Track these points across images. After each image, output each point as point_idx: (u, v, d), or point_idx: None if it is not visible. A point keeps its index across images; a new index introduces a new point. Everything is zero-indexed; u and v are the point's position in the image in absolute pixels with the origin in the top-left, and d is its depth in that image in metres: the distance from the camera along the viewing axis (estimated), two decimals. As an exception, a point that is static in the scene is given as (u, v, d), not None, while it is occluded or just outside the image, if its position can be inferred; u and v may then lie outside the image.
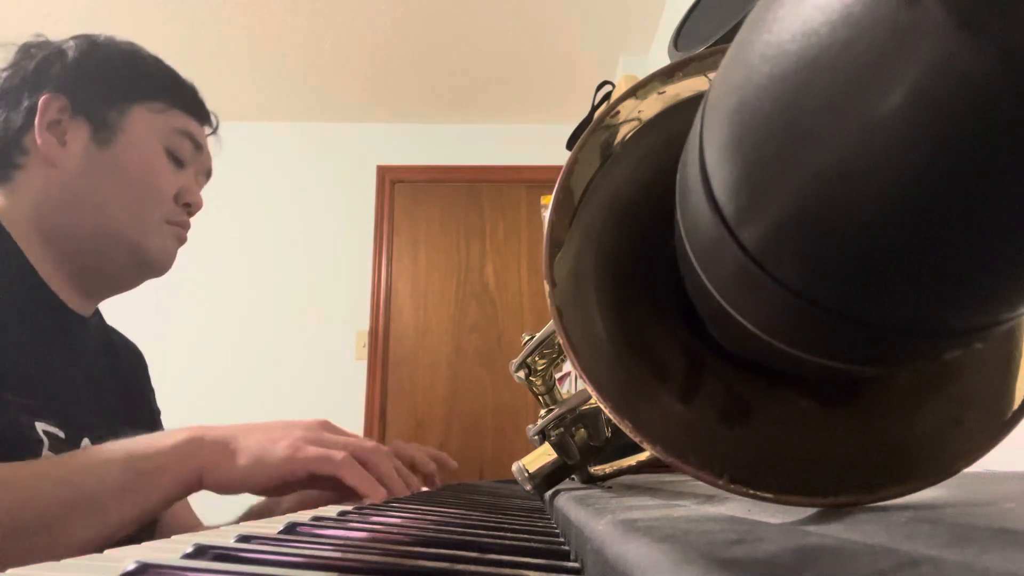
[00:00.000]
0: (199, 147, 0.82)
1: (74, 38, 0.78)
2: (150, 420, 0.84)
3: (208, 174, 0.86)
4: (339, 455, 0.55)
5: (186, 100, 0.82)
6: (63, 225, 0.73)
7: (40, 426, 0.60)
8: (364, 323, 3.08)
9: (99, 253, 0.75)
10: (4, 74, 0.76)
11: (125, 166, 0.75)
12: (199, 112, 0.83)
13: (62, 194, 0.73)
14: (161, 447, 0.53)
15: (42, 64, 0.75)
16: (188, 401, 2.56)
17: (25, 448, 0.58)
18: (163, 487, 0.52)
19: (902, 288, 0.14)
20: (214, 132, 0.87)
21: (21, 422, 0.59)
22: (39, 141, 0.73)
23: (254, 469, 0.54)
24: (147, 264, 0.78)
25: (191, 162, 0.81)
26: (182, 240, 0.81)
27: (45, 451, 0.60)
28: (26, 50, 0.77)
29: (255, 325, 3.05)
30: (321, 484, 0.57)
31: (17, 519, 0.46)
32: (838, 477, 0.22)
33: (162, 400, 0.88)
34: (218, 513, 0.65)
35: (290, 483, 0.55)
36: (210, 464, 0.53)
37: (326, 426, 0.61)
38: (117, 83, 0.77)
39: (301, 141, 3.21)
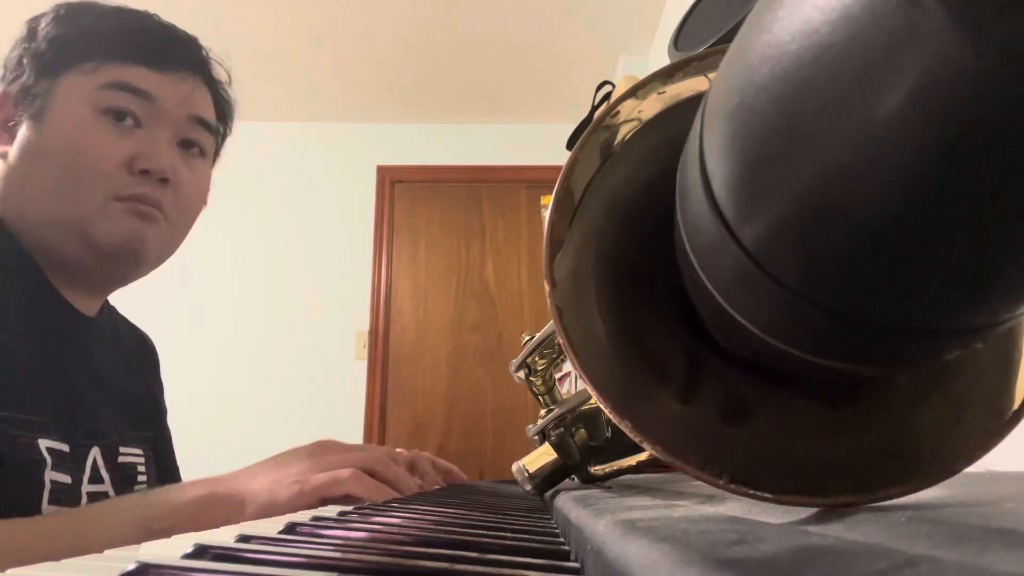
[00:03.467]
0: (146, 96, 0.67)
1: (32, 18, 0.70)
2: (156, 422, 0.82)
3: (200, 122, 0.72)
4: (345, 473, 0.55)
5: (124, 45, 0.68)
6: (15, 221, 0.66)
7: (44, 444, 0.59)
8: (364, 323, 3.08)
9: (52, 246, 0.66)
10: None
11: (53, 145, 0.65)
12: (143, 53, 0.68)
13: (7, 187, 0.66)
14: (174, 506, 0.53)
15: (8, 54, 0.69)
16: (189, 402, 2.56)
17: (27, 468, 0.57)
18: None
19: (902, 289, 0.14)
20: (195, 70, 0.72)
21: (22, 443, 0.57)
22: None
23: (265, 513, 0.53)
24: (103, 252, 0.67)
25: (146, 119, 0.68)
26: (145, 215, 0.68)
27: (48, 470, 0.58)
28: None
29: (255, 325, 3.05)
30: (334, 503, 0.57)
31: None
32: (838, 477, 0.22)
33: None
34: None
35: None
36: (221, 519, 0.53)
37: (327, 446, 0.61)
38: (44, 56, 0.67)
39: (301, 141, 3.21)
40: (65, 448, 0.61)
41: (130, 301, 0.86)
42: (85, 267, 0.68)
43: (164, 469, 0.81)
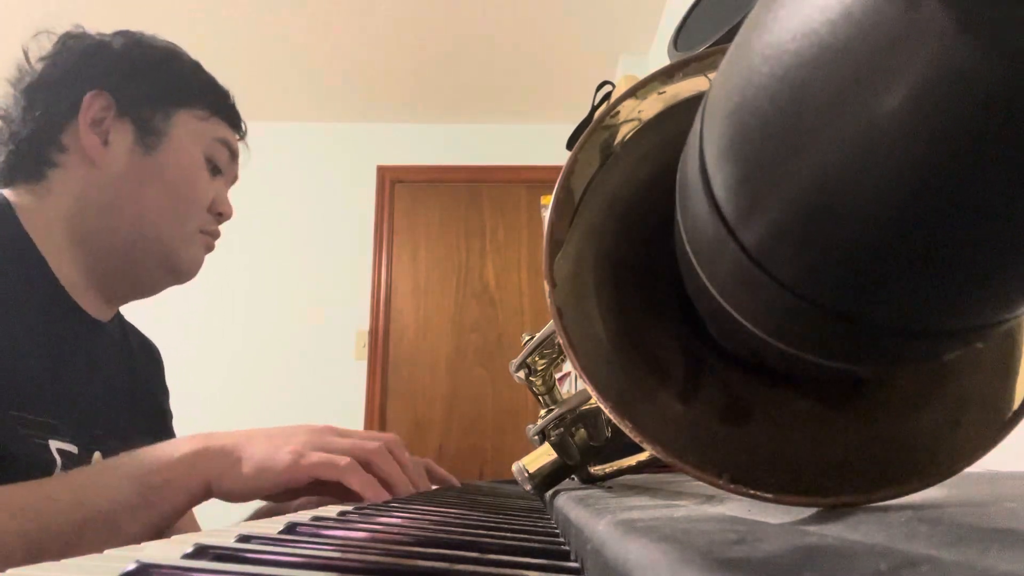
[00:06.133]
0: (234, 156, 0.82)
1: (117, 33, 0.77)
2: (162, 426, 0.84)
3: (235, 180, 0.86)
4: (342, 460, 0.55)
5: (225, 108, 0.81)
6: (99, 229, 0.72)
7: (54, 445, 0.60)
8: (364, 323, 3.08)
9: (131, 259, 0.74)
10: (40, 64, 0.73)
11: (169, 174, 0.75)
12: (235, 120, 0.83)
13: (103, 197, 0.72)
14: (169, 460, 0.53)
15: (84, 57, 0.74)
16: (189, 402, 2.56)
17: (38, 469, 0.57)
18: (173, 499, 0.52)
19: (901, 289, 0.14)
20: (242, 138, 0.86)
21: (35, 443, 0.58)
22: (83, 139, 0.71)
23: (259, 477, 0.54)
24: (176, 273, 0.77)
25: (226, 171, 0.82)
26: (210, 249, 0.81)
27: (58, 470, 0.59)
28: (64, 41, 0.74)
29: (255, 325, 3.05)
30: (326, 488, 0.57)
31: (33, 543, 0.46)
32: (838, 477, 0.22)
33: (164, 400, 0.88)
34: (224, 515, 0.65)
35: (295, 489, 0.55)
36: (216, 474, 0.54)
37: (330, 430, 0.61)
38: (162, 86, 0.76)
39: (301, 141, 3.21)
40: (74, 450, 0.62)
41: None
42: (149, 281, 0.77)
43: None
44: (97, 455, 0.66)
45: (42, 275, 0.68)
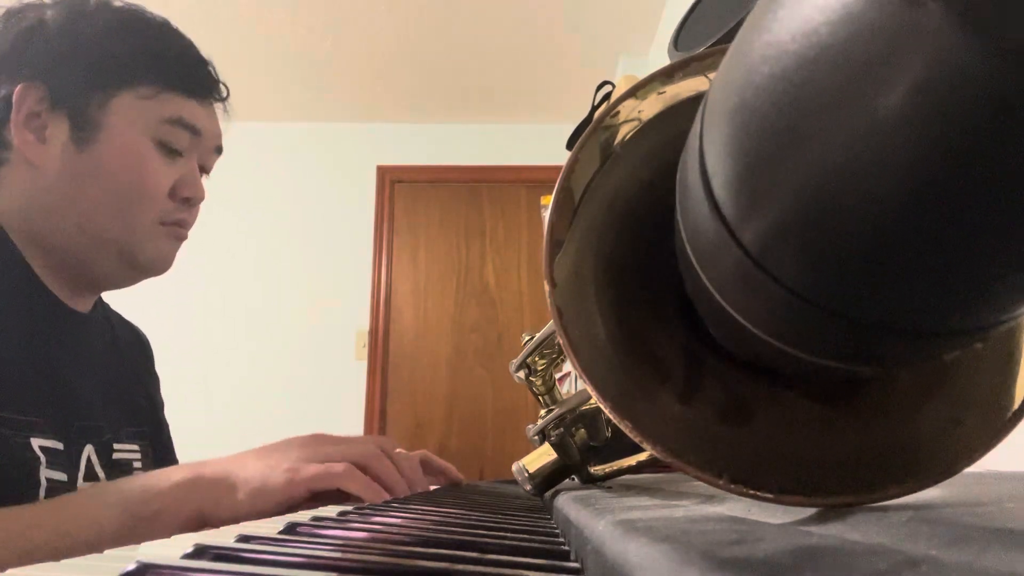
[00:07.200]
0: (196, 132, 0.72)
1: (56, 5, 0.68)
2: (152, 416, 0.82)
3: (218, 150, 0.77)
4: (339, 467, 0.54)
5: (181, 76, 0.71)
6: (47, 231, 0.67)
7: (36, 443, 0.58)
8: (364, 323, 3.08)
9: (87, 259, 0.69)
10: None
11: (109, 169, 0.67)
12: (198, 87, 0.73)
13: (44, 198, 0.66)
14: (158, 490, 0.52)
15: (19, 40, 0.66)
16: (189, 402, 2.56)
17: (21, 468, 0.56)
18: (162, 531, 0.50)
19: (902, 289, 0.14)
20: (223, 101, 0.76)
21: (15, 443, 0.57)
22: (17, 138, 0.65)
23: (256, 500, 0.52)
24: (140, 269, 0.71)
25: (189, 150, 0.72)
26: (181, 238, 0.74)
27: (43, 468, 0.58)
28: (5, 21, 0.68)
29: (255, 325, 3.05)
30: (325, 498, 0.56)
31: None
32: (838, 477, 0.22)
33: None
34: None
35: (294, 506, 0.54)
36: (210, 503, 0.52)
37: (320, 439, 0.60)
38: (99, 67, 0.67)
39: (301, 141, 3.21)
40: (59, 446, 0.61)
41: (127, 300, 0.86)
42: (114, 278, 0.72)
43: (162, 463, 0.80)
44: (89, 449, 0.65)
45: (19, 269, 0.66)
